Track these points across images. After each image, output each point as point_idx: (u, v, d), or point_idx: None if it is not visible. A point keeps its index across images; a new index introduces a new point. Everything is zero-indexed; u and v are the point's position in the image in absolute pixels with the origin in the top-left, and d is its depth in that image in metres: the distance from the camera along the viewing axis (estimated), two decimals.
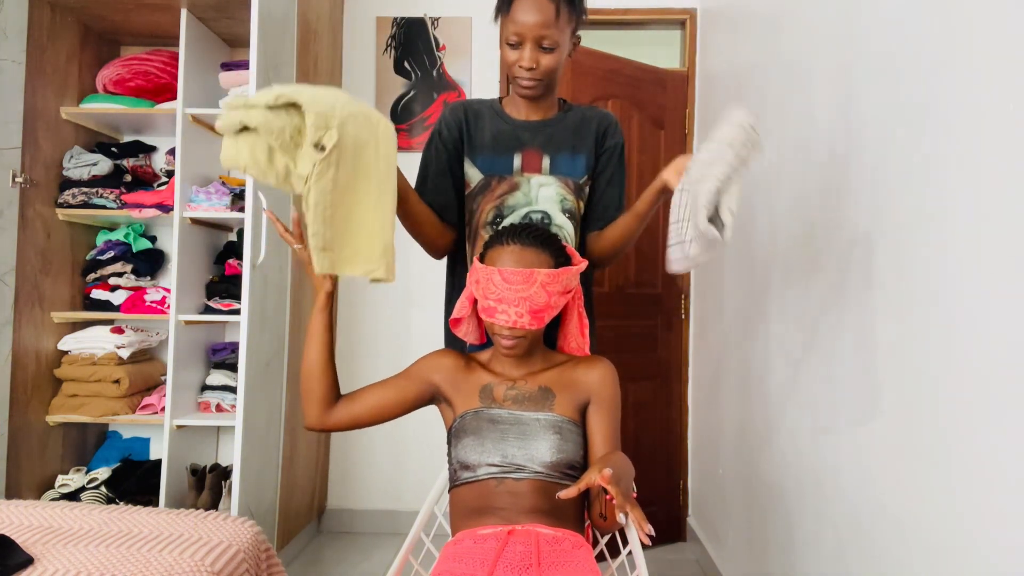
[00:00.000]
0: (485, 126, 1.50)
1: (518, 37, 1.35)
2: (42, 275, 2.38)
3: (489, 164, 1.49)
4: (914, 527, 1.16)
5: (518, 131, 1.49)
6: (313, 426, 1.31)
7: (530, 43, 1.35)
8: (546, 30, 1.33)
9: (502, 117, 1.51)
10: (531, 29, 1.33)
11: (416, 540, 1.43)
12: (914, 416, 1.17)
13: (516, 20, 1.34)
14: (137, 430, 2.73)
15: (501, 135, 1.49)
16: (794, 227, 1.77)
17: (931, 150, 1.14)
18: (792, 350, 1.75)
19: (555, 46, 1.36)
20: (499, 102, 1.54)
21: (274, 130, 1.08)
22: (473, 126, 1.51)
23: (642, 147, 2.85)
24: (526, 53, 1.36)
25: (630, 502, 1.05)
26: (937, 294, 1.11)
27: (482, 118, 1.51)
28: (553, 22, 1.33)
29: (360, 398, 1.32)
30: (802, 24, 1.76)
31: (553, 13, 1.33)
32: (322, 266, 1.15)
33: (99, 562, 1.29)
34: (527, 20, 1.33)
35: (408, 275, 2.95)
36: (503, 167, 1.48)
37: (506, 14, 1.36)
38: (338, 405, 1.31)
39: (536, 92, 1.43)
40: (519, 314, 1.22)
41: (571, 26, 1.39)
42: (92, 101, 2.49)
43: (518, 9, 1.34)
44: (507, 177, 1.48)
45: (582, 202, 1.50)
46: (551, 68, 1.38)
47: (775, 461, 1.85)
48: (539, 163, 1.48)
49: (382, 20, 3.01)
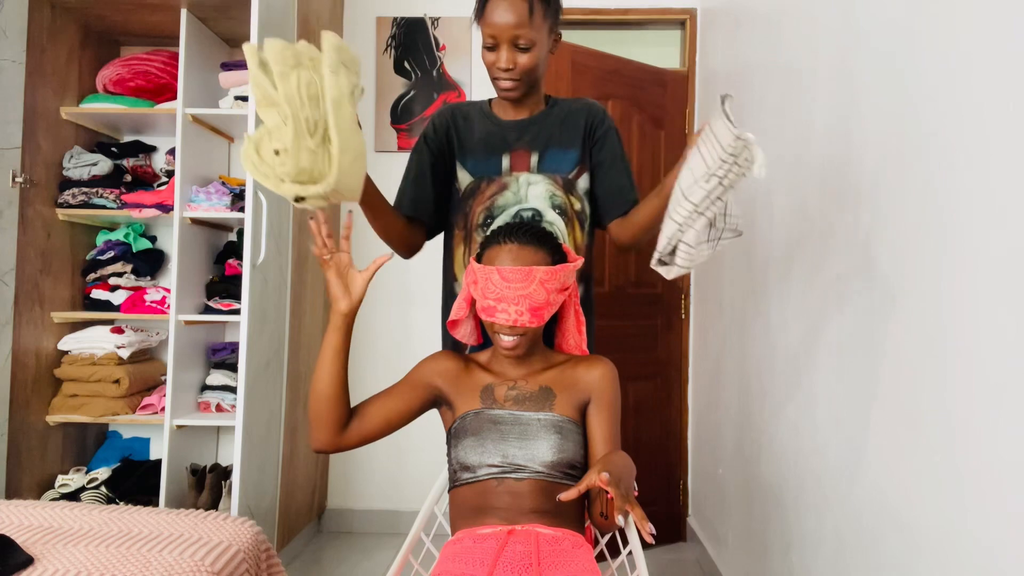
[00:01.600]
0: (474, 128, 1.51)
1: (493, 39, 1.36)
2: (42, 275, 2.38)
3: (479, 166, 1.49)
4: (914, 527, 1.16)
5: (505, 131, 1.50)
6: (323, 449, 1.27)
7: (506, 44, 1.36)
8: (520, 30, 1.34)
9: (490, 118, 1.52)
10: (505, 30, 1.34)
11: (416, 540, 1.43)
12: (914, 416, 1.17)
13: (490, 22, 1.35)
14: (137, 430, 2.74)
15: (489, 137, 1.50)
16: (794, 227, 1.77)
17: (931, 150, 1.14)
18: (792, 350, 1.75)
19: (531, 45, 1.36)
20: (488, 104, 1.55)
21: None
22: (462, 129, 1.51)
23: (642, 147, 2.84)
24: (502, 54, 1.37)
25: (630, 502, 1.05)
26: (937, 293, 1.11)
27: (471, 121, 1.52)
28: (527, 21, 1.33)
29: (367, 415, 1.29)
30: (802, 24, 1.76)
31: (526, 12, 1.33)
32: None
33: (99, 562, 1.29)
34: (500, 21, 1.33)
35: (408, 275, 2.95)
36: (492, 168, 1.49)
37: (481, 16, 1.37)
38: (347, 426, 1.28)
39: (518, 92, 1.43)
40: (519, 312, 1.22)
41: (547, 23, 1.38)
42: (92, 101, 2.49)
43: (491, 11, 1.34)
44: (496, 178, 1.48)
45: (574, 197, 1.50)
46: (529, 67, 1.38)
47: (775, 461, 1.85)
48: (527, 161, 1.49)
49: (382, 20, 3.01)
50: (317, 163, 1.10)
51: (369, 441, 1.30)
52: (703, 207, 1.12)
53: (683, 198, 1.14)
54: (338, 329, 1.25)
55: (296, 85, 1.08)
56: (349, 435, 1.28)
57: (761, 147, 1.10)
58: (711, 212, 1.13)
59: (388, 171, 2.81)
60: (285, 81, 1.08)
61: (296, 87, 1.08)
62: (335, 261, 1.24)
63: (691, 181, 1.13)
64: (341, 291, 1.23)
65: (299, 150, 1.08)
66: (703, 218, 1.13)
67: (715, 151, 1.09)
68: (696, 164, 1.13)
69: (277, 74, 1.08)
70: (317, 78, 1.10)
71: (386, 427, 1.30)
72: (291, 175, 1.09)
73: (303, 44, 1.12)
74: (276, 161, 1.10)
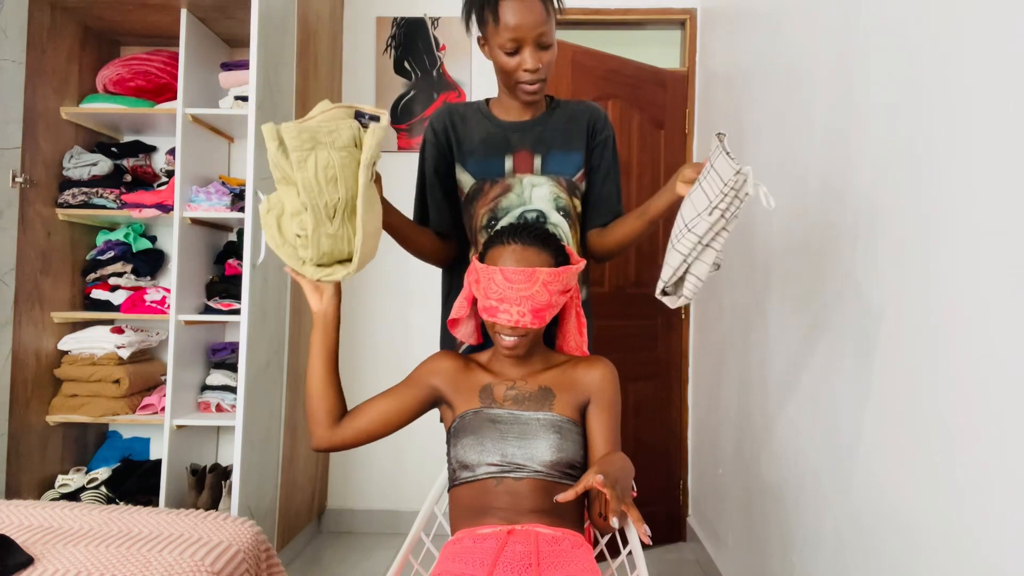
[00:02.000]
0: (473, 129, 1.50)
1: (516, 42, 1.34)
2: (42, 275, 2.38)
3: (480, 168, 1.49)
4: (914, 526, 1.16)
5: (507, 132, 1.49)
6: (321, 446, 1.30)
7: (531, 44, 1.35)
8: (543, 27, 1.34)
9: (490, 120, 1.51)
10: (530, 30, 1.33)
11: (416, 540, 1.43)
12: (914, 415, 1.17)
13: (512, 25, 1.32)
14: (137, 430, 2.74)
15: (490, 138, 1.49)
16: (793, 227, 1.77)
17: (930, 150, 1.14)
18: (792, 350, 1.75)
19: (551, 43, 1.37)
20: (486, 104, 1.54)
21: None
22: (461, 131, 1.50)
23: (642, 147, 2.84)
24: (529, 55, 1.35)
25: (627, 503, 1.06)
26: (937, 293, 1.11)
27: (469, 122, 1.51)
28: (546, 19, 1.34)
29: (365, 413, 1.31)
30: (802, 24, 1.76)
31: (543, 10, 1.33)
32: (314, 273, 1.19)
33: (99, 562, 1.29)
34: (525, 22, 1.32)
35: (408, 275, 2.95)
36: (495, 170, 1.48)
37: (496, 23, 1.34)
38: (343, 423, 1.30)
39: (542, 94, 1.43)
40: (521, 313, 1.22)
41: (554, 19, 1.40)
42: (92, 101, 2.49)
43: (511, 14, 1.32)
44: (499, 179, 1.48)
45: (576, 199, 1.50)
46: (551, 64, 1.39)
47: (775, 461, 1.85)
48: (531, 163, 1.48)
49: (382, 20, 3.01)
50: (337, 245, 1.16)
51: (368, 440, 1.31)
52: (707, 239, 1.17)
53: (687, 230, 1.18)
54: (315, 327, 1.29)
55: (314, 171, 1.12)
56: (345, 432, 1.29)
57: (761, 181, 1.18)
58: (717, 244, 1.18)
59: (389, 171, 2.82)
60: (303, 168, 1.11)
61: (314, 174, 1.12)
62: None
63: (694, 214, 1.17)
64: (311, 290, 1.27)
65: (319, 237, 1.14)
66: (710, 250, 1.18)
67: (716, 185, 1.14)
68: (698, 198, 1.17)
69: (294, 161, 1.11)
70: (336, 157, 1.12)
71: (384, 426, 1.31)
72: (312, 260, 1.16)
73: (319, 119, 1.15)
74: (298, 243, 1.16)
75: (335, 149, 1.12)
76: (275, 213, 1.18)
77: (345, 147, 1.14)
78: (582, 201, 1.52)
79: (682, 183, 1.25)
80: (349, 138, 1.15)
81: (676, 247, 1.20)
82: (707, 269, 1.20)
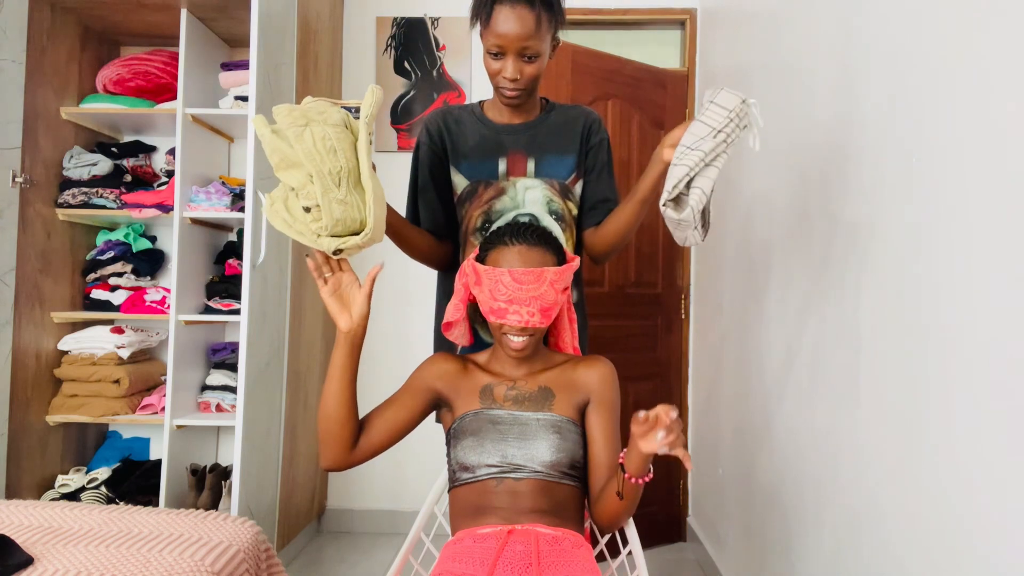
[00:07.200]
0: (467, 132, 1.50)
1: (500, 48, 1.34)
2: (42, 275, 2.38)
3: (474, 170, 1.49)
4: (913, 527, 1.16)
5: (501, 135, 1.49)
6: (334, 467, 1.25)
7: (512, 55, 1.34)
8: (528, 41, 1.32)
9: (484, 122, 1.51)
10: (513, 41, 1.32)
11: (416, 540, 1.43)
12: (914, 416, 1.17)
13: (497, 32, 1.32)
14: (137, 430, 2.74)
15: (484, 140, 1.49)
16: (793, 227, 1.77)
17: (930, 150, 1.14)
18: (792, 350, 1.75)
19: (537, 55, 1.35)
20: (480, 106, 1.54)
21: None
22: (455, 133, 1.50)
23: (642, 147, 2.84)
24: (508, 65, 1.35)
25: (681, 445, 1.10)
26: (937, 294, 1.11)
27: (463, 124, 1.51)
28: (534, 32, 1.32)
29: (375, 428, 1.27)
30: (802, 24, 1.76)
31: (534, 23, 1.31)
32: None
33: (99, 562, 1.29)
34: (509, 32, 1.31)
35: (407, 276, 2.95)
36: (488, 172, 1.48)
37: (486, 25, 1.34)
38: (359, 443, 1.27)
39: (520, 101, 1.43)
40: (530, 313, 1.22)
41: (551, 32, 1.38)
42: (92, 101, 2.49)
43: (499, 21, 1.31)
44: (493, 182, 1.48)
45: (570, 203, 1.50)
46: (534, 76, 1.38)
47: (775, 461, 1.85)
48: (524, 166, 1.48)
49: (382, 20, 3.01)
50: (349, 211, 1.14)
51: (378, 453, 1.29)
52: (709, 158, 1.19)
53: (690, 150, 1.20)
54: (340, 347, 1.22)
55: (312, 141, 1.13)
56: (359, 452, 1.26)
57: (752, 123, 1.22)
58: (719, 163, 1.20)
59: (388, 171, 2.82)
60: (301, 140, 1.12)
61: (313, 143, 1.13)
62: (334, 280, 1.22)
63: (695, 139, 1.20)
64: (338, 309, 1.21)
65: (330, 203, 1.13)
66: (713, 168, 1.20)
67: (720, 114, 1.19)
68: (698, 128, 1.21)
69: (292, 135, 1.12)
70: (331, 131, 1.14)
71: (392, 438, 1.29)
72: (327, 229, 1.14)
73: (308, 102, 1.18)
74: (308, 218, 1.15)
75: (328, 125, 1.14)
76: (281, 198, 1.17)
77: (336, 125, 1.15)
78: (578, 205, 1.53)
79: (668, 147, 1.25)
80: (339, 119, 1.17)
81: (679, 163, 1.21)
82: (710, 184, 1.20)
